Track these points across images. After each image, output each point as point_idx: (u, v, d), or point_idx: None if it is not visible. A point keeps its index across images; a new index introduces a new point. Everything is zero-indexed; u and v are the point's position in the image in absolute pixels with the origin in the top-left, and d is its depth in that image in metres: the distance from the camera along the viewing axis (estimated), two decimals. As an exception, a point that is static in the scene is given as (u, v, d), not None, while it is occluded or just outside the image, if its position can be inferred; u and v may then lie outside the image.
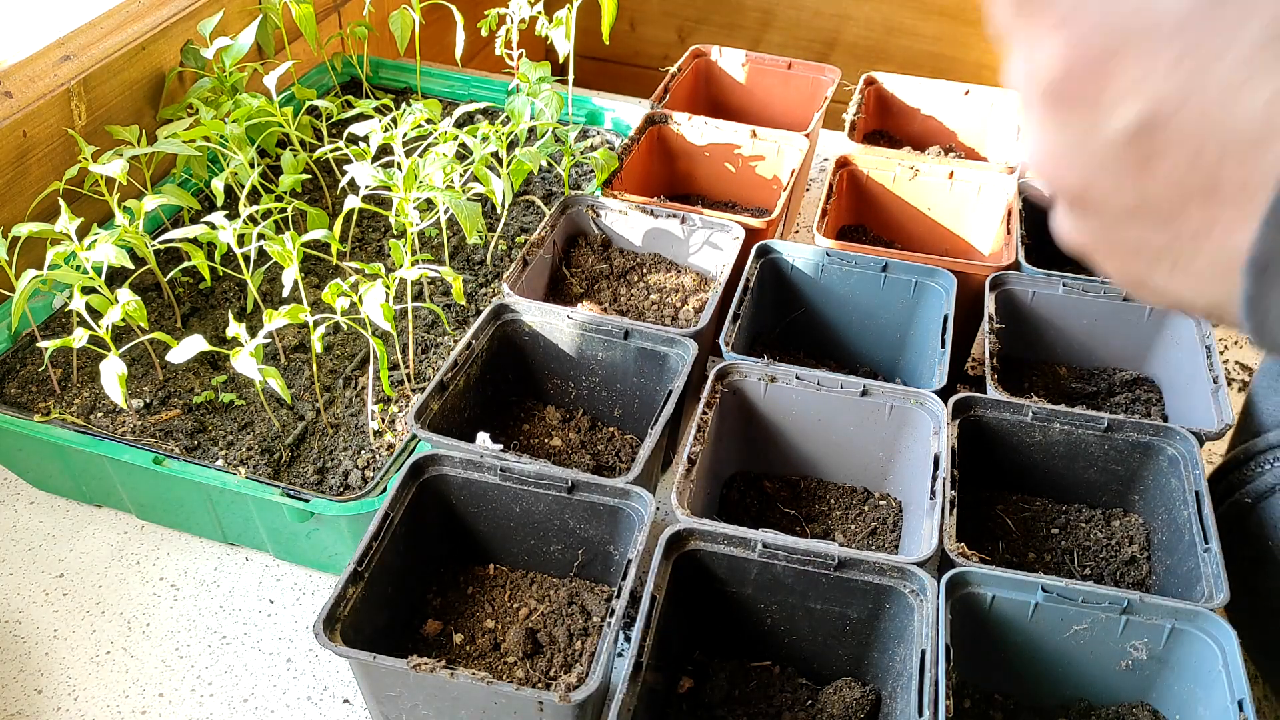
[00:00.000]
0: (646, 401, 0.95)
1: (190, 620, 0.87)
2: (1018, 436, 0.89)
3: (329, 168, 1.18)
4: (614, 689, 0.66)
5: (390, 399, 0.94)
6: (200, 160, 1.06)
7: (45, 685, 0.82)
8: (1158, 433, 0.86)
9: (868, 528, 0.90)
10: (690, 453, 0.81)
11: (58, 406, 0.91)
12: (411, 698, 0.70)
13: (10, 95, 1.00)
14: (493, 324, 0.94)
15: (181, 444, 0.89)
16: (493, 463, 0.80)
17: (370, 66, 1.38)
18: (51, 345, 0.86)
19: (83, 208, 1.01)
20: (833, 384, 0.89)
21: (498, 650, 0.80)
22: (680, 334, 0.92)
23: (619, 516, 0.80)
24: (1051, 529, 0.90)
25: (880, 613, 0.76)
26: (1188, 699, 0.73)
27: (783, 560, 0.75)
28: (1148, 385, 1.03)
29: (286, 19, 1.25)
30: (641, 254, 1.11)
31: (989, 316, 0.97)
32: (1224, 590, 0.73)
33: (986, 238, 1.19)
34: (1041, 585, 0.73)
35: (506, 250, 1.13)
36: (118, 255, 0.87)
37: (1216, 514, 0.80)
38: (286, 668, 0.84)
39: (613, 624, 0.69)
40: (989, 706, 0.78)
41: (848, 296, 1.05)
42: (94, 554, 0.92)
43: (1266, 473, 0.81)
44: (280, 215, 1.03)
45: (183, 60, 1.18)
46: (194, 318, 1.03)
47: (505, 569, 0.86)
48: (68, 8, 1.10)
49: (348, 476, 0.87)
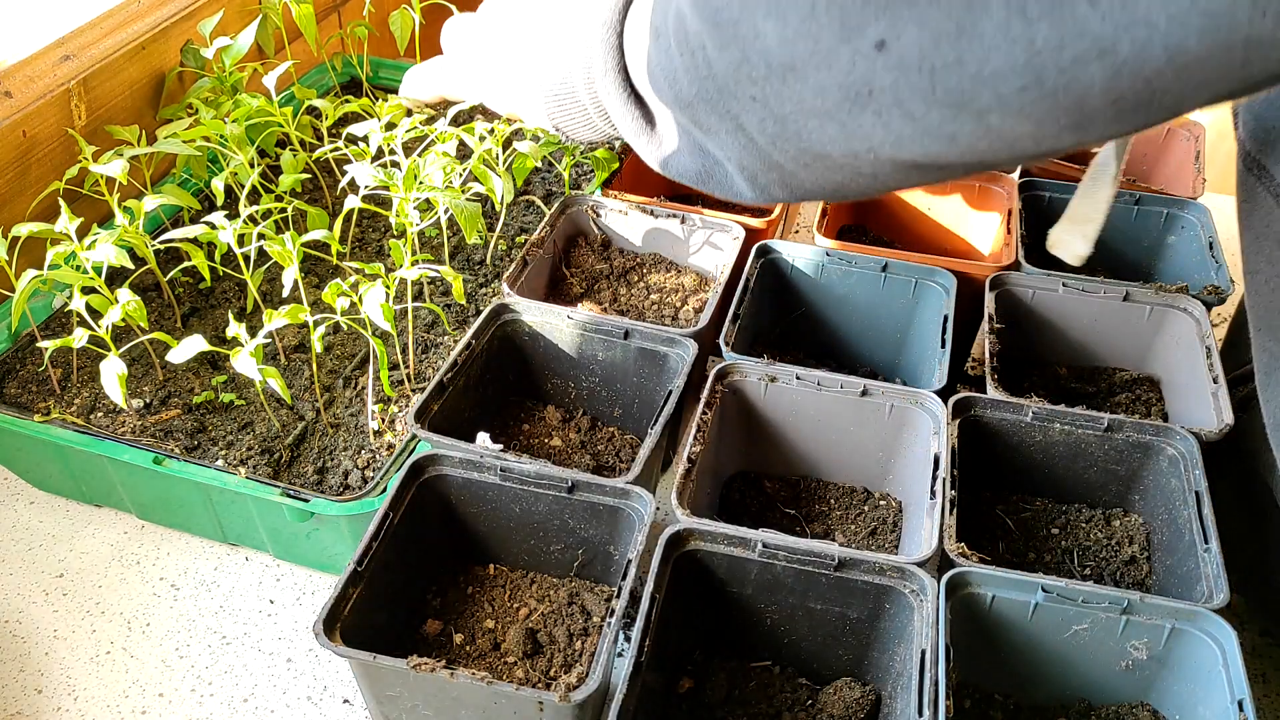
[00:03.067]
0: (646, 401, 0.95)
1: (190, 620, 0.87)
2: (1018, 436, 0.89)
3: (329, 168, 1.18)
4: (614, 689, 0.66)
5: (390, 399, 0.94)
6: (200, 160, 1.06)
7: (45, 685, 0.82)
8: (1158, 433, 0.86)
9: (868, 528, 0.90)
10: (690, 453, 0.81)
11: (58, 406, 0.91)
12: (411, 698, 0.70)
13: (10, 95, 1.00)
14: (493, 324, 0.94)
15: (181, 444, 0.89)
16: (493, 463, 0.80)
17: (370, 66, 1.38)
18: (51, 345, 0.86)
19: (83, 208, 1.01)
20: (833, 384, 0.89)
21: (498, 650, 0.80)
22: (680, 334, 0.92)
23: (619, 516, 0.80)
24: (1051, 529, 0.90)
25: (880, 613, 0.76)
26: (1188, 699, 0.73)
27: (783, 560, 0.75)
28: (1148, 385, 1.03)
29: (286, 19, 1.25)
30: (641, 254, 1.11)
31: (989, 316, 0.97)
32: (1224, 590, 0.73)
33: (986, 238, 1.19)
34: (1041, 585, 0.73)
35: (506, 250, 1.13)
36: (118, 255, 0.87)
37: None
38: (286, 668, 0.84)
39: (613, 624, 0.69)
40: (989, 706, 0.78)
41: (848, 296, 1.05)
42: (94, 554, 0.92)
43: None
44: (280, 215, 1.03)
45: (183, 60, 1.18)
46: (194, 318, 1.03)
47: (505, 569, 0.87)
48: (68, 8, 1.10)
49: (348, 476, 0.87)
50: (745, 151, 0.48)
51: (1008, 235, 1.09)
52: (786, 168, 0.47)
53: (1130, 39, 0.31)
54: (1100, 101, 0.34)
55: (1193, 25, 0.30)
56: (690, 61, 0.46)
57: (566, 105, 0.63)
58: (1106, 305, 1.00)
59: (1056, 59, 0.33)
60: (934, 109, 0.38)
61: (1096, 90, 0.34)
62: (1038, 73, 0.34)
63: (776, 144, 0.45)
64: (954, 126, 0.38)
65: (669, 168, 0.56)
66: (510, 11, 0.69)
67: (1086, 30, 0.32)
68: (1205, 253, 1.07)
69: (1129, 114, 0.35)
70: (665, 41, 0.48)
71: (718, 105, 0.46)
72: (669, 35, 0.48)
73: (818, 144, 0.43)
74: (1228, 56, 0.31)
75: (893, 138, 0.40)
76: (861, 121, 0.40)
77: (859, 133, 0.41)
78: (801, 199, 0.51)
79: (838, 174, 0.45)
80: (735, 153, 0.49)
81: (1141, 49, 0.32)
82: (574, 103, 0.62)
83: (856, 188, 0.47)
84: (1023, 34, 0.33)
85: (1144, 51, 0.32)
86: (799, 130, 0.43)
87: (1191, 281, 1.04)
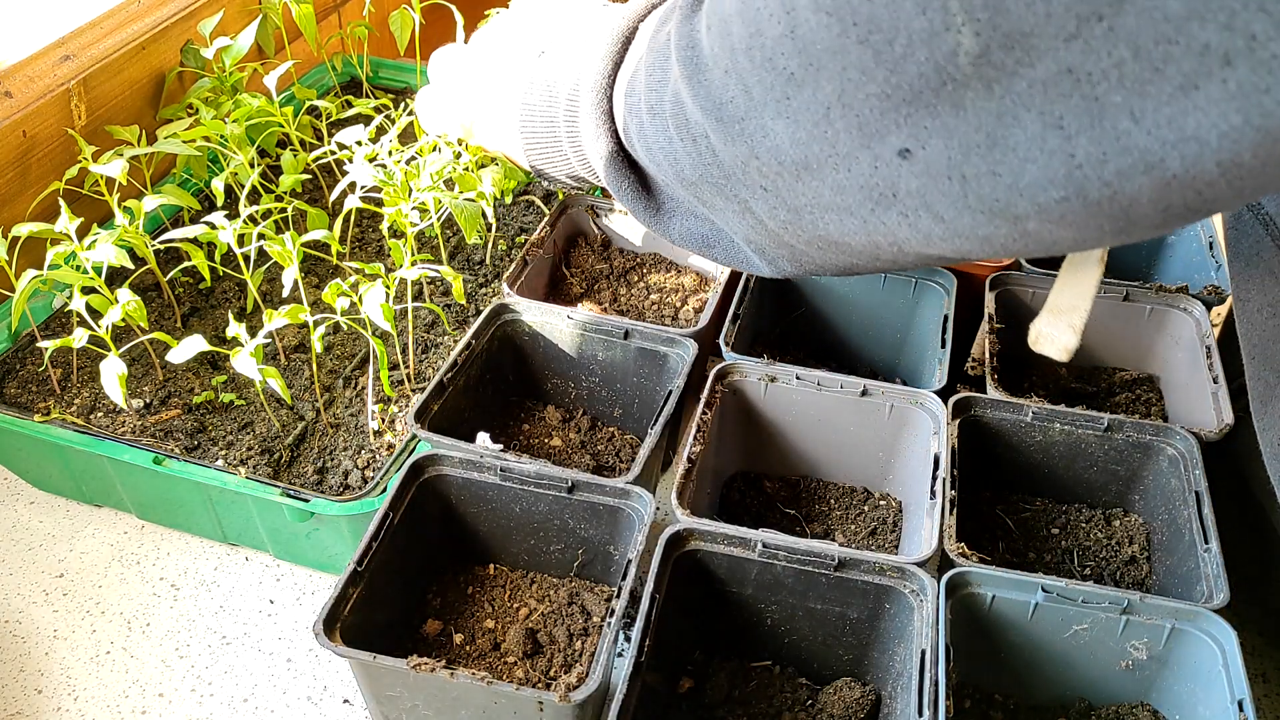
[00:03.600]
0: (646, 401, 0.95)
1: (190, 620, 0.87)
2: (1018, 436, 0.89)
3: (329, 168, 1.18)
4: (614, 689, 0.66)
5: (390, 399, 0.94)
6: (200, 160, 1.06)
7: (45, 685, 0.82)
8: (1158, 433, 0.86)
9: (868, 528, 0.90)
10: (690, 453, 0.81)
11: (58, 406, 0.91)
12: (411, 698, 0.70)
13: (10, 95, 1.00)
14: (493, 324, 0.94)
15: (181, 444, 0.89)
16: (493, 463, 0.80)
17: (370, 66, 1.38)
18: (51, 345, 0.86)
19: (83, 208, 1.01)
20: (833, 384, 0.89)
21: (498, 650, 0.80)
22: (680, 334, 0.92)
23: (619, 516, 0.80)
24: (1051, 529, 0.90)
25: (880, 613, 0.76)
26: (1188, 699, 0.73)
27: (783, 560, 0.75)
28: (1148, 385, 1.03)
29: (286, 19, 1.25)
30: (641, 254, 1.11)
31: (989, 316, 0.97)
32: (1224, 590, 0.73)
33: (986, 238, 1.18)
34: (1041, 585, 0.73)
35: (506, 250, 1.13)
36: (118, 255, 0.87)
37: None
38: (286, 668, 0.84)
39: (613, 624, 0.69)
40: (989, 706, 0.78)
41: (848, 296, 1.05)
42: (94, 554, 0.92)
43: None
44: (280, 215, 1.03)
45: (183, 60, 1.18)
46: (194, 318, 1.03)
47: (505, 569, 0.87)
48: (68, 8, 1.10)
49: (348, 476, 0.87)
50: (754, 231, 0.45)
51: (1008, 235, 1.08)
52: (799, 249, 0.44)
53: (1180, 155, 0.29)
54: (1149, 210, 0.32)
55: (1247, 140, 0.28)
56: (693, 148, 0.44)
57: (550, 157, 0.61)
58: (1106, 305, 1.00)
59: (1100, 173, 0.31)
60: (966, 214, 0.35)
61: (1144, 200, 0.31)
62: (1079, 186, 0.32)
63: (789, 229, 0.43)
64: (988, 230, 0.36)
65: (669, 233, 0.53)
66: (498, 50, 0.67)
67: (1131, 145, 0.30)
68: (1205, 253, 1.07)
69: (1178, 219, 0.33)
70: (663, 122, 0.46)
71: (724, 190, 0.44)
72: (667, 118, 0.45)
73: (836, 235, 0.41)
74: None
75: (920, 236, 0.38)
76: (885, 220, 0.38)
77: (882, 229, 0.39)
78: (814, 274, 0.49)
79: (854, 258, 0.43)
80: (743, 230, 0.46)
81: (1192, 164, 0.29)
82: (558, 155, 0.60)
83: (873, 269, 0.45)
84: (1060, 148, 0.31)
85: (1195, 167, 0.29)
86: (814, 222, 0.41)
87: (1191, 281, 1.04)
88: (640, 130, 0.49)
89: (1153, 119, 0.29)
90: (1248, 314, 0.55)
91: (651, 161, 0.49)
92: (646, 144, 0.48)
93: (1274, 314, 0.52)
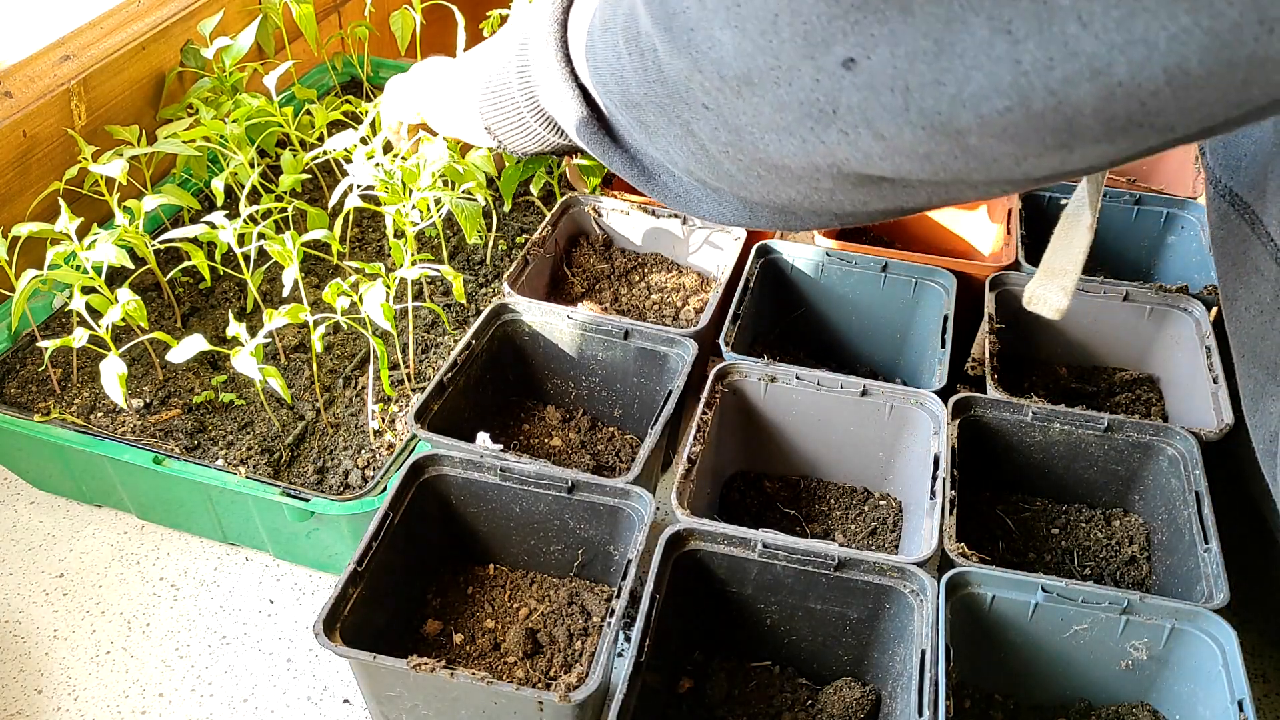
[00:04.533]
0: (646, 401, 0.95)
1: (190, 620, 0.87)
2: (1018, 436, 0.89)
3: (329, 168, 1.18)
4: (614, 689, 0.66)
5: (390, 399, 0.94)
6: (200, 160, 1.06)
7: (45, 685, 0.82)
8: (1158, 433, 0.86)
9: (868, 528, 0.90)
10: (690, 453, 0.81)
11: (58, 406, 0.91)
12: (411, 698, 0.70)
13: (10, 95, 1.00)
14: (493, 324, 0.94)
15: (181, 444, 0.89)
16: (493, 463, 0.80)
17: (370, 67, 1.38)
18: (51, 345, 0.86)
19: (83, 208, 1.01)
20: (832, 384, 0.89)
21: (498, 650, 0.80)
22: (680, 334, 0.92)
23: (619, 516, 0.80)
24: (1051, 529, 0.90)
25: (880, 613, 0.76)
26: (1188, 699, 0.73)
27: (783, 560, 0.75)
28: (1148, 385, 1.03)
29: (286, 19, 1.25)
30: (642, 254, 1.11)
31: (989, 316, 0.97)
32: (1224, 590, 0.73)
33: (986, 238, 1.19)
34: (1041, 585, 0.73)
35: (506, 250, 1.13)
36: (118, 255, 0.87)
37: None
38: (286, 668, 0.84)
39: (613, 624, 0.69)
40: (989, 706, 0.78)
41: (848, 296, 1.05)
42: (94, 554, 0.92)
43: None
44: (280, 215, 1.03)
45: (183, 60, 1.18)
46: (194, 317, 1.03)
47: (505, 569, 0.87)
48: (68, 8, 1.10)
49: (348, 476, 0.87)
50: (695, 159, 0.45)
51: (1007, 235, 1.09)
52: (738, 178, 0.44)
53: (1127, 59, 0.30)
54: (1091, 121, 0.32)
55: (1195, 44, 0.28)
56: (640, 63, 0.44)
57: (502, 104, 0.61)
58: (1106, 305, 1.00)
59: (1045, 79, 0.31)
60: (907, 129, 0.35)
61: (1088, 111, 0.32)
62: (1024, 93, 0.32)
63: (730, 153, 0.43)
64: (929, 147, 0.36)
65: (612, 162, 0.53)
66: (443, 60, 0.72)
67: (1079, 49, 0.30)
68: (1205, 253, 1.07)
69: (1119, 135, 0.33)
70: (614, 37, 0.46)
71: (668, 110, 0.44)
72: (618, 31, 0.45)
73: (776, 157, 0.41)
74: (1229, 76, 0.29)
75: (860, 155, 0.38)
76: (825, 138, 0.38)
77: (821, 149, 0.38)
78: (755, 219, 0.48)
79: (793, 188, 0.43)
80: (684, 160, 0.46)
81: (1139, 69, 0.30)
82: (509, 101, 0.61)
83: (810, 205, 0.44)
84: (1007, 54, 0.31)
85: (1141, 72, 0.30)
86: (755, 142, 0.41)
87: (1191, 281, 1.04)
88: (590, 48, 0.49)
89: (1101, 22, 0.29)
90: (1236, 312, 0.55)
91: (599, 83, 0.49)
92: (595, 63, 0.49)
93: (1261, 312, 0.52)
